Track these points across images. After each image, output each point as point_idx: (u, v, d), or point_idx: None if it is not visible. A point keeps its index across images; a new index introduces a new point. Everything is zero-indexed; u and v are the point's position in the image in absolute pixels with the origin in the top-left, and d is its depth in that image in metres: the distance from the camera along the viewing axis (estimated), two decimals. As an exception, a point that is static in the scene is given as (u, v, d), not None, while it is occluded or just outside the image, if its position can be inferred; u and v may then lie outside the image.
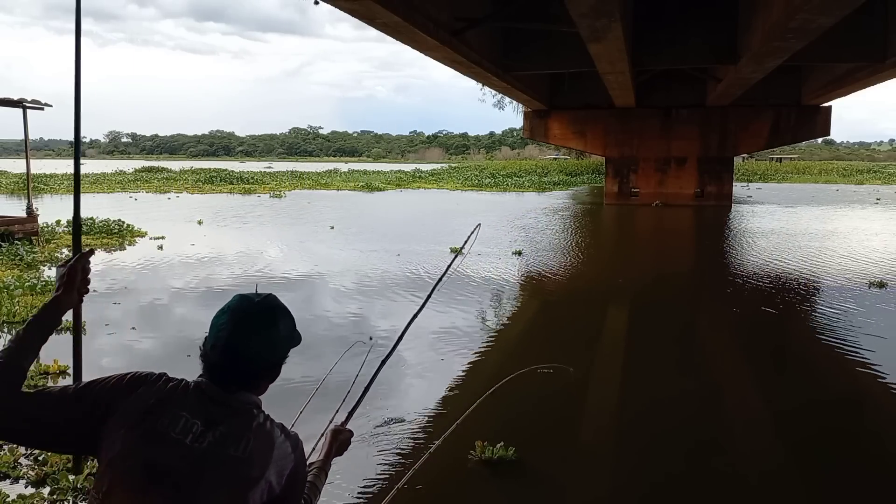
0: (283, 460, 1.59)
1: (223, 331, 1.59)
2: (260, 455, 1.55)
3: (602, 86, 20.81)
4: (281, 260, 13.58)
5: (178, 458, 1.49)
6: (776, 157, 75.33)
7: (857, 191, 40.46)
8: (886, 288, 10.89)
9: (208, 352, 1.61)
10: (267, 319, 1.62)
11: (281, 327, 1.64)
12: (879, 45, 16.31)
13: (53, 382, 6.13)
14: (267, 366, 1.64)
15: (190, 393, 1.58)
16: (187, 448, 1.50)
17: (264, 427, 1.59)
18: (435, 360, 7.04)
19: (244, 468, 1.52)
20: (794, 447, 5.19)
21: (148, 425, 1.51)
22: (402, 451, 4.85)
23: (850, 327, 8.56)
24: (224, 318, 1.61)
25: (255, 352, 1.60)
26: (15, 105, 15.13)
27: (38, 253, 13.08)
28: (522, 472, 4.56)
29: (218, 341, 1.59)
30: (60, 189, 35.47)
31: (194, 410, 1.55)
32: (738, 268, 13.55)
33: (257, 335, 1.60)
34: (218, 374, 1.60)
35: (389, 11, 10.57)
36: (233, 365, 1.59)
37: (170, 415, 1.53)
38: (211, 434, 1.53)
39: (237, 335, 1.59)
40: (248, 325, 1.60)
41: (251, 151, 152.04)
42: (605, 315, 10.00)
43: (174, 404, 1.55)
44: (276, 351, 1.64)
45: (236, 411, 1.58)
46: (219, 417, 1.55)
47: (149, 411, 1.53)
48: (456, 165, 70.34)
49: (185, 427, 1.52)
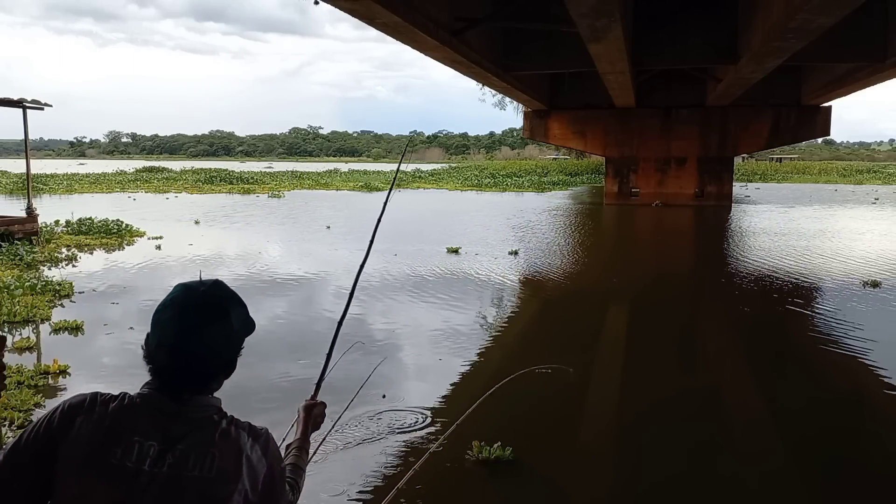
0: (255, 467, 1.42)
1: (168, 327, 1.40)
2: (229, 469, 1.38)
3: (602, 86, 20.81)
4: (276, 259, 13.64)
5: (140, 492, 1.32)
6: (776, 157, 75.33)
7: (855, 191, 40.49)
8: (859, 285, 11.09)
9: (153, 352, 1.41)
10: (216, 310, 1.42)
11: (233, 317, 1.44)
12: (879, 45, 16.31)
13: (54, 382, 6.14)
14: (221, 363, 1.45)
15: (138, 410, 1.39)
16: (148, 476, 1.33)
17: (229, 435, 1.41)
18: (433, 361, 7.04)
19: (213, 488, 1.35)
20: (790, 443, 5.19)
21: (99, 460, 1.33)
22: (402, 451, 4.84)
23: (822, 321, 8.91)
24: (168, 312, 1.41)
25: (207, 348, 1.40)
26: (15, 105, 15.13)
27: (37, 253, 13.08)
28: (519, 472, 4.56)
29: (164, 340, 1.39)
30: (59, 189, 35.46)
31: (147, 431, 1.36)
32: (720, 267, 13.57)
33: (207, 329, 1.40)
34: (167, 378, 1.40)
35: (389, 11, 10.57)
36: (183, 366, 1.39)
37: (122, 443, 1.34)
38: (170, 455, 1.35)
39: (185, 331, 1.39)
40: (195, 318, 1.40)
41: (251, 151, 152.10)
42: (603, 315, 9.98)
43: (123, 429, 1.36)
44: (229, 345, 1.44)
45: (195, 423, 1.40)
46: (176, 433, 1.37)
47: (97, 443, 1.34)
48: (456, 165, 70.38)
49: (140, 453, 1.34)
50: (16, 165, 57.70)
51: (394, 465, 4.61)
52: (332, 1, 10.26)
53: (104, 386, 6.05)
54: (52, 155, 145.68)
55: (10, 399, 5.48)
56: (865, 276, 11.79)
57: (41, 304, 8.84)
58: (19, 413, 5.25)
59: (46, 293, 9.49)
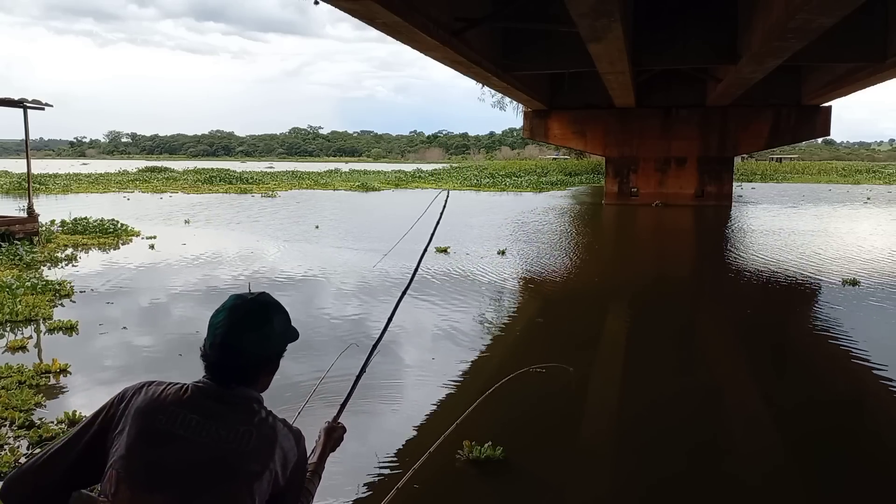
0: (287, 453, 1.65)
1: (219, 329, 1.65)
2: (263, 448, 1.59)
3: (602, 86, 20.81)
4: (262, 258, 13.68)
5: (180, 454, 1.54)
6: (776, 157, 75.36)
7: (850, 191, 40.53)
8: (808, 283, 11.36)
9: (207, 351, 1.66)
10: (261, 316, 1.68)
11: (275, 323, 1.69)
12: (879, 45, 16.31)
13: (56, 381, 6.15)
14: (262, 360, 1.69)
15: (188, 392, 1.63)
16: (187, 442, 1.55)
17: (267, 422, 1.64)
18: (427, 360, 7.05)
19: (247, 461, 1.56)
20: (780, 439, 5.20)
21: (146, 424, 1.56)
22: (400, 451, 4.85)
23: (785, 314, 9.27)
24: (220, 316, 1.67)
25: (251, 347, 1.65)
26: (16, 105, 15.13)
27: (37, 253, 13.09)
28: (509, 472, 4.56)
29: (215, 339, 1.65)
30: (55, 189, 35.45)
31: (192, 407, 1.60)
32: (711, 266, 13.60)
33: (252, 331, 1.66)
34: (217, 371, 1.65)
35: (389, 11, 10.57)
36: (229, 361, 1.64)
37: (166, 413, 1.58)
38: (212, 428, 1.57)
39: (233, 332, 1.64)
40: (242, 321, 1.66)
41: (251, 151, 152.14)
42: (591, 316, 9.97)
43: (171, 403, 1.60)
44: (270, 345, 1.69)
45: (235, 406, 1.63)
46: (217, 412, 1.60)
47: (145, 412, 1.58)
48: (457, 165, 70.44)
49: (183, 423, 1.57)
50: (17, 165, 57.70)
51: (393, 464, 4.62)
52: (332, 1, 10.27)
53: (104, 385, 6.07)
54: (51, 155, 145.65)
55: (11, 399, 5.49)
56: (835, 275, 12.07)
57: (42, 303, 8.85)
58: (20, 413, 5.25)
59: (47, 293, 9.51)
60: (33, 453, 4.56)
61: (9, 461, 4.46)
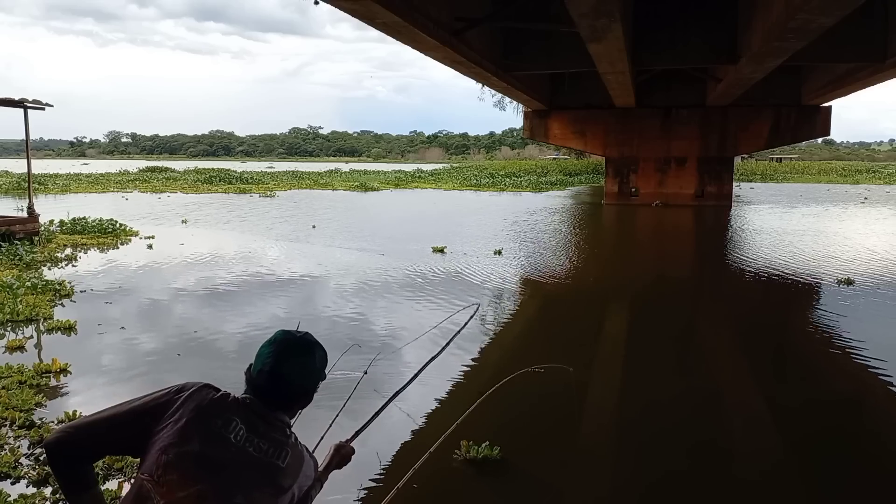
0: (306, 478, 1.89)
1: (269, 358, 1.88)
2: (293, 468, 1.84)
3: (602, 86, 20.82)
4: (255, 257, 13.74)
5: (228, 455, 1.75)
6: (776, 157, 75.37)
7: (848, 190, 40.56)
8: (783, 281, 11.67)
9: (254, 376, 1.89)
10: (306, 351, 1.93)
11: (317, 359, 1.94)
12: (879, 45, 16.32)
13: (57, 381, 6.15)
14: (303, 391, 1.93)
15: (239, 404, 1.85)
16: (236, 448, 1.76)
17: (297, 446, 1.89)
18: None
19: (281, 476, 1.80)
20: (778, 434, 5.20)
21: (203, 422, 1.77)
22: (400, 451, 4.85)
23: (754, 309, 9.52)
24: (270, 348, 1.90)
25: (295, 377, 1.89)
26: (16, 105, 15.13)
27: (37, 253, 13.09)
28: (506, 472, 4.56)
29: (264, 367, 1.87)
30: (54, 189, 35.44)
31: (243, 418, 1.81)
32: (702, 265, 13.63)
33: (298, 364, 1.89)
34: (263, 394, 1.87)
35: (389, 11, 10.58)
36: (276, 388, 1.87)
37: (223, 417, 1.79)
38: (256, 440, 1.80)
39: (281, 363, 1.87)
40: (290, 354, 1.89)
41: (251, 151, 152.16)
42: (598, 315, 9.98)
43: (226, 410, 1.81)
44: (311, 378, 1.93)
45: (276, 427, 1.86)
46: (262, 429, 1.83)
47: (204, 411, 1.79)
48: (457, 165, 70.47)
49: (235, 430, 1.78)
50: (17, 165, 57.69)
51: (391, 465, 4.62)
52: (332, 1, 10.28)
53: (104, 384, 6.08)
54: (51, 155, 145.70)
55: (12, 399, 5.49)
56: (825, 274, 12.24)
57: (42, 303, 8.85)
58: (21, 413, 5.25)
59: (47, 293, 9.51)
60: (33, 452, 4.58)
61: (9, 461, 4.46)
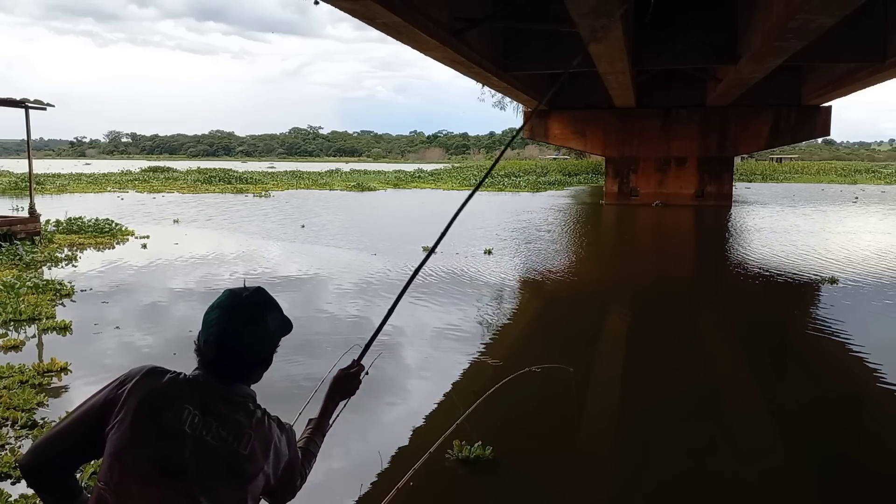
0: (279, 456, 1.67)
1: (214, 326, 1.63)
2: (259, 451, 1.61)
3: (602, 86, 20.81)
4: (247, 256, 13.79)
5: (186, 451, 1.54)
6: (776, 157, 75.35)
7: (843, 190, 40.60)
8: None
9: (202, 347, 1.65)
10: (256, 314, 1.65)
11: (269, 321, 1.67)
12: (879, 45, 16.30)
13: (58, 380, 6.16)
14: (259, 358, 1.68)
15: (191, 385, 1.61)
16: (193, 440, 1.55)
17: (262, 423, 1.65)
18: (426, 360, 7.06)
19: (245, 464, 1.59)
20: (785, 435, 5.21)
21: (154, 418, 1.56)
22: (400, 451, 4.86)
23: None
24: (215, 313, 1.64)
25: (247, 345, 1.64)
26: (17, 105, 15.14)
27: (38, 253, 13.10)
28: (497, 471, 4.57)
29: (210, 337, 1.63)
30: (51, 189, 35.41)
31: (196, 403, 1.58)
32: (700, 265, 13.63)
33: (247, 329, 1.64)
34: (214, 368, 1.63)
35: (389, 11, 10.58)
36: (226, 359, 1.62)
37: (173, 408, 1.56)
38: (215, 426, 1.58)
39: (228, 330, 1.62)
40: (238, 319, 1.63)
41: (251, 151, 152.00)
42: (599, 315, 9.99)
43: (177, 397, 1.58)
44: (266, 343, 1.68)
45: (235, 405, 1.63)
46: (219, 410, 1.60)
47: (153, 403, 1.57)
48: (458, 165, 70.49)
49: (188, 419, 1.56)
50: (17, 165, 57.65)
51: (391, 464, 4.63)
52: (332, 1, 10.28)
53: (104, 382, 6.08)
54: (51, 155, 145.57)
55: (13, 399, 5.50)
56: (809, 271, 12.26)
57: (43, 303, 8.86)
58: (22, 413, 5.26)
59: (48, 292, 9.52)
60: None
61: (9, 461, 4.46)
